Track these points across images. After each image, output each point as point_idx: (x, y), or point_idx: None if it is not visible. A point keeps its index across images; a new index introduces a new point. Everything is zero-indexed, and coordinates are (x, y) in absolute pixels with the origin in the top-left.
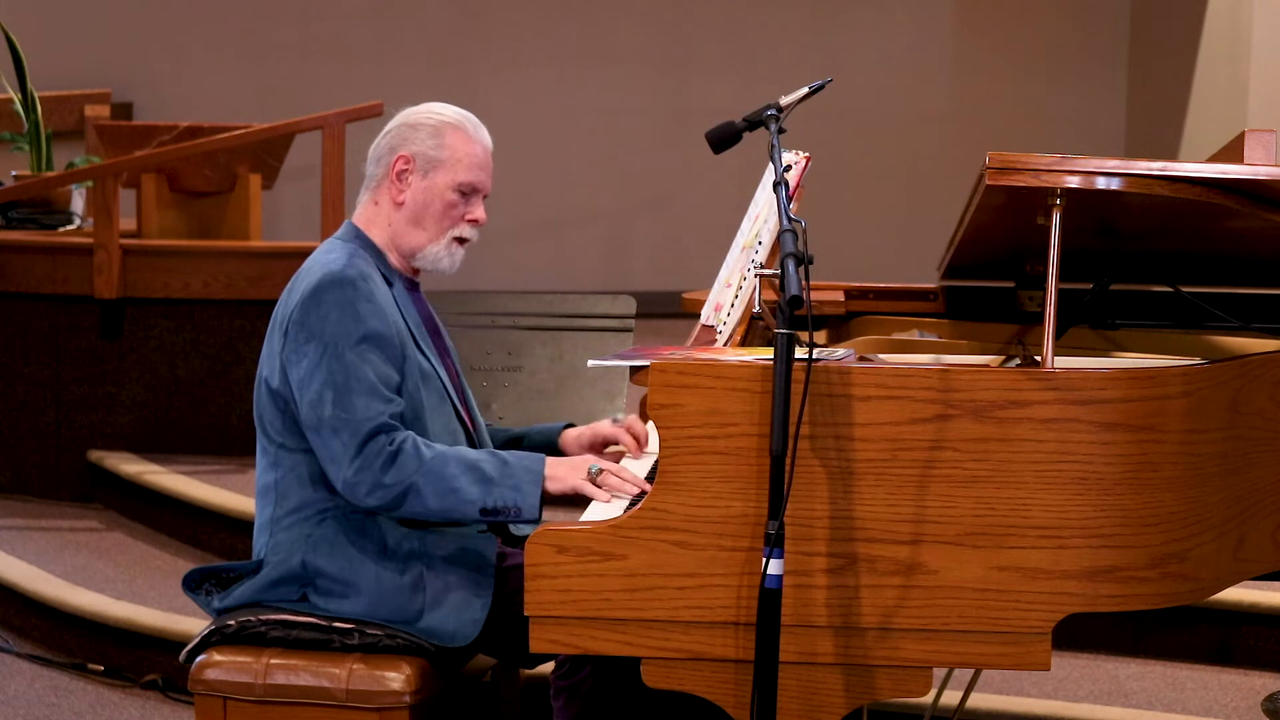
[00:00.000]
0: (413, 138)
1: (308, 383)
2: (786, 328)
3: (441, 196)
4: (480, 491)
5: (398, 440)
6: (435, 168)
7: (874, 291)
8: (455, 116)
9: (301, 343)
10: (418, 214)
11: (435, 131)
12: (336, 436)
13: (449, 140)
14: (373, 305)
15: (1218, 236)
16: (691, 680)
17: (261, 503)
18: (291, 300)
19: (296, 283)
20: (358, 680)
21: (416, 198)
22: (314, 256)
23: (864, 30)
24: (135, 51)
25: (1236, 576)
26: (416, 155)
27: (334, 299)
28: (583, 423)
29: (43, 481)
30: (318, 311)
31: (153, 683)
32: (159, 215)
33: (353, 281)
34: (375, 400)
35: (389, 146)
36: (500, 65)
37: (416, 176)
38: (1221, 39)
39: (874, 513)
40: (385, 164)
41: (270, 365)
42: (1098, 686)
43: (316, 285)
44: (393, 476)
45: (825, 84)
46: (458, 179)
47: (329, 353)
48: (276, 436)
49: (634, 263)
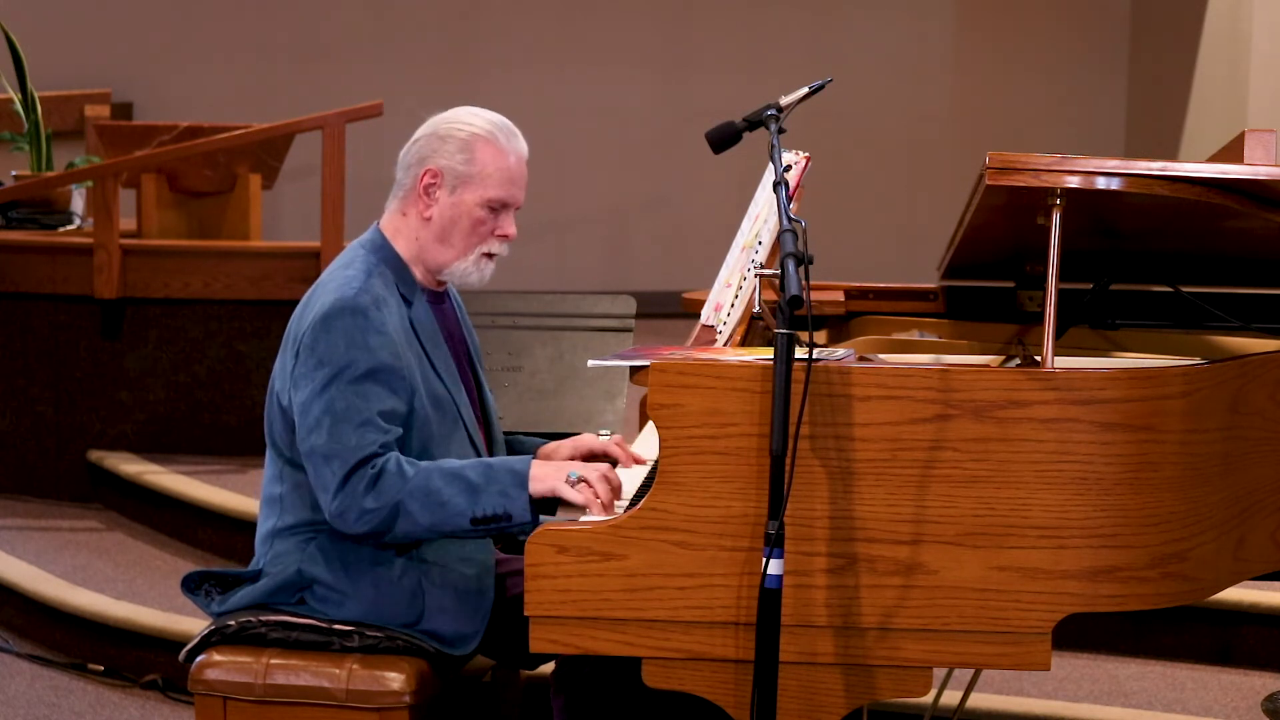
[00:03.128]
0: (441, 150)
1: (309, 408)
2: (786, 328)
3: (470, 214)
4: (467, 501)
5: (379, 464)
6: (464, 184)
7: (874, 291)
8: (486, 127)
9: (311, 368)
10: (445, 230)
11: (464, 145)
12: (327, 465)
13: (479, 155)
14: (383, 337)
15: (1218, 236)
16: (691, 680)
17: (265, 512)
18: (305, 319)
19: (312, 298)
20: (357, 680)
21: (444, 214)
22: (333, 269)
23: (864, 30)
24: (135, 51)
25: (1236, 576)
26: (445, 170)
27: (344, 327)
28: (583, 422)
29: (43, 481)
30: (327, 339)
31: (153, 683)
32: (159, 215)
33: (364, 310)
34: (369, 431)
35: (417, 157)
36: (500, 65)
37: (444, 192)
38: (1221, 39)
39: (874, 513)
40: (413, 175)
41: (283, 381)
42: (1098, 686)
43: (328, 311)
44: (375, 500)
45: (825, 84)
46: (487, 195)
47: (334, 382)
48: (285, 450)
49: (634, 263)
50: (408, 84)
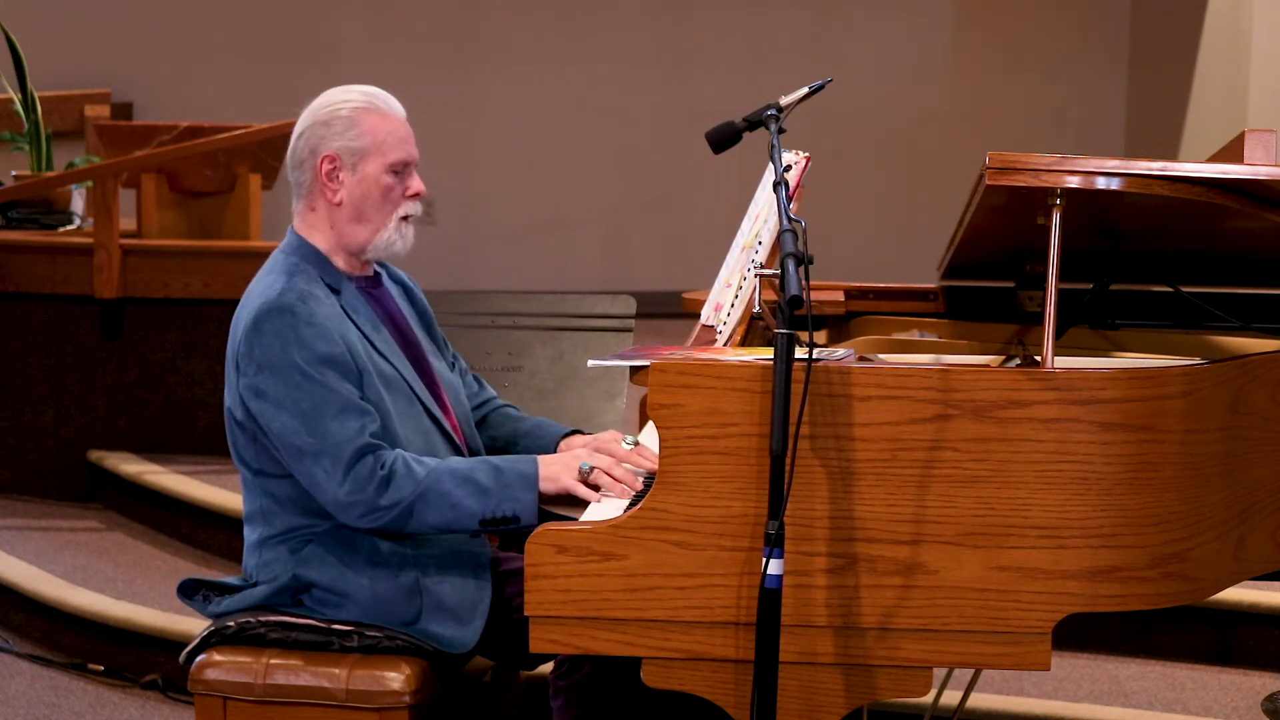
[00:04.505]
0: (329, 134)
1: (273, 414)
2: (786, 328)
3: (377, 183)
4: (479, 504)
5: (388, 463)
6: (362, 158)
7: (874, 291)
8: (362, 98)
9: (252, 375)
10: (358, 208)
11: (350, 121)
12: (317, 464)
13: (366, 126)
14: (315, 328)
15: (1218, 236)
16: (691, 680)
17: (249, 527)
18: (237, 331)
19: (240, 313)
20: (357, 680)
21: (353, 192)
22: (254, 282)
23: (864, 30)
24: (135, 51)
25: (1236, 576)
26: (340, 151)
27: (274, 328)
28: (583, 423)
29: (43, 481)
30: (261, 343)
31: (153, 683)
32: (159, 215)
33: (290, 308)
34: (348, 419)
35: (308, 149)
36: (500, 65)
37: (346, 173)
38: (1221, 39)
39: (874, 513)
40: (310, 168)
41: (232, 398)
42: (1098, 686)
43: (255, 318)
44: (389, 499)
45: (825, 84)
46: (388, 160)
47: (285, 381)
48: (253, 463)
49: (634, 263)
50: (408, 84)
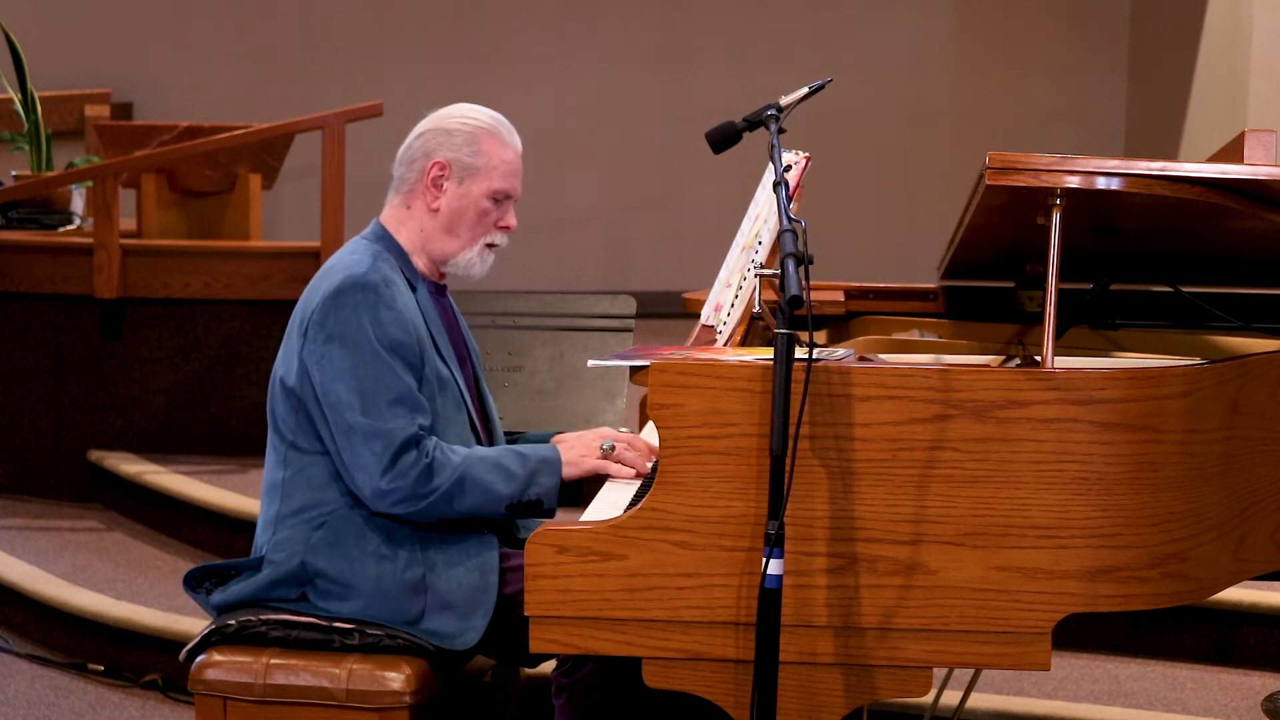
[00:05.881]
0: (448, 143)
1: (332, 386)
2: (786, 328)
3: (476, 204)
4: (508, 489)
5: (430, 450)
6: (471, 175)
7: (874, 291)
8: (490, 121)
9: (321, 344)
10: (452, 221)
11: (471, 138)
12: (368, 445)
13: (485, 147)
14: (394, 313)
15: (1218, 236)
16: (691, 680)
17: (267, 499)
18: (313, 300)
19: (319, 283)
20: (358, 680)
21: (452, 204)
22: (337, 256)
23: (864, 30)
24: (135, 51)
25: (1236, 576)
26: (453, 162)
27: (355, 303)
28: (582, 422)
29: (43, 481)
30: (338, 314)
31: (153, 683)
32: (159, 215)
33: (375, 287)
34: (404, 408)
35: (423, 150)
36: (500, 65)
37: (452, 184)
38: (1221, 39)
39: (874, 513)
40: (419, 168)
41: (288, 365)
42: (1098, 686)
43: (338, 288)
44: (428, 487)
45: (825, 84)
46: (493, 186)
47: (354, 357)
48: (289, 435)
49: (634, 263)
50: (408, 84)
